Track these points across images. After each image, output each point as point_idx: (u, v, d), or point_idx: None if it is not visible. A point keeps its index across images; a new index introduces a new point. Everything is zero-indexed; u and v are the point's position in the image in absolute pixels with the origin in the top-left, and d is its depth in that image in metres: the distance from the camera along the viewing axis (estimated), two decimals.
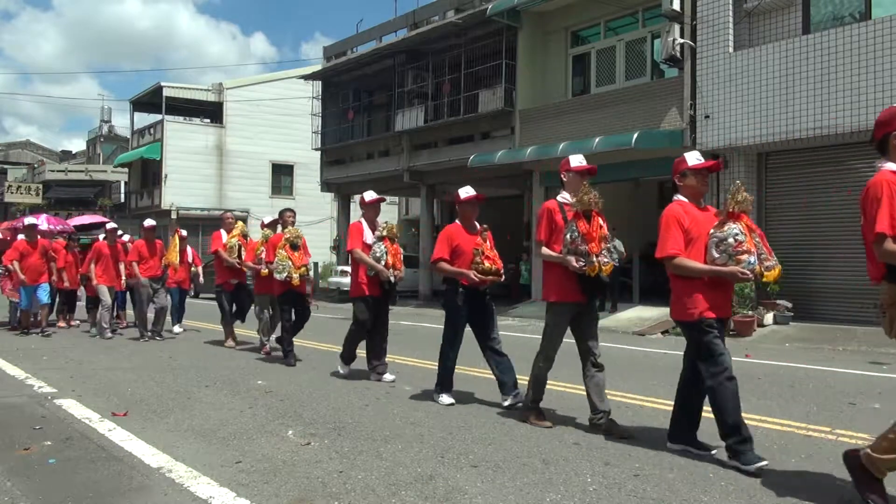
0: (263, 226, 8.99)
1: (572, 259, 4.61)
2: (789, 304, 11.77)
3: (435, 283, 18.72)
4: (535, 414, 4.96)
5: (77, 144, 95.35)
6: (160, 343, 9.87)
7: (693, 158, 4.27)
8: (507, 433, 4.73)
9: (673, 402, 4.41)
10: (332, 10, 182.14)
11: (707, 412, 4.15)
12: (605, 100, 14.94)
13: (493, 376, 5.73)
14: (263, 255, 8.45)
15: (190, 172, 31.47)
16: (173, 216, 29.76)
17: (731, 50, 12.44)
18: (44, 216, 14.12)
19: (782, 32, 12.23)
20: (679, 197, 4.27)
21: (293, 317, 8.04)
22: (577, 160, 5.04)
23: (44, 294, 10.61)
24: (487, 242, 5.65)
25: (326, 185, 23.91)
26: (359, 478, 3.74)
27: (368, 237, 6.61)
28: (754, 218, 14.16)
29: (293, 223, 8.18)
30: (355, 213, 24.05)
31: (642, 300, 14.15)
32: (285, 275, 7.50)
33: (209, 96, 32.96)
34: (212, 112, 33.40)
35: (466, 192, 5.77)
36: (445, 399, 5.63)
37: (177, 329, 11.32)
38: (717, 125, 12.52)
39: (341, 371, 6.99)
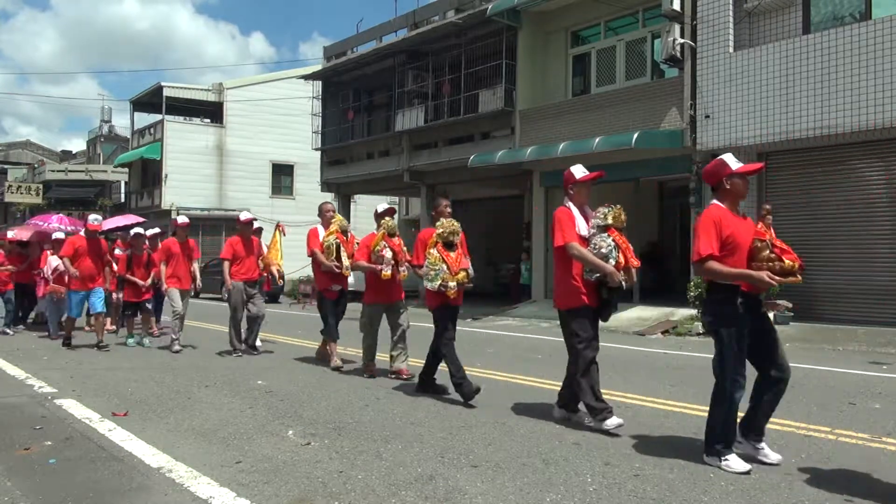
0: (378, 215, 7.04)
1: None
2: (789, 304, 11.70)
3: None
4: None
5: (77, 144, 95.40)
6: (160, 343, 9.83)
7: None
8: (507, 433, 4.73)
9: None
10: (330, 11, 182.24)
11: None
12: (605, 100, 14.94)
13: (493, 375, 5.69)
14: (386, 253, 6.69)
15: (190, 172, 31.47)
16: (173, 216, 29.76)
17: (731, 50, 12.44)
18: (55, 216, 13.53)
19: (782, 32, 12.22)
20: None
21: (451, 336, 5.95)
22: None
23: (98, 301, 9.22)
24: (772, 230, 4.87)
25: (326, 185, 23.90)
26: (359, 478, 3.74)
27: (582, 227, 4.89)
28: (754, 218, 14.17)
29: (448, 214, 6.19)
30: (355, 213, 24.12)
31: (642, 300, 14.15)
32: (438, 283, 5.72)
33: (209, 96, 32.96)
34: (212, 112, 33.40)
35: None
36: (737, 464, 3.89)
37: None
38: (718, 125, 12.51)
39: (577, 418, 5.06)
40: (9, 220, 40.49)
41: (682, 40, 12.93)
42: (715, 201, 4.12)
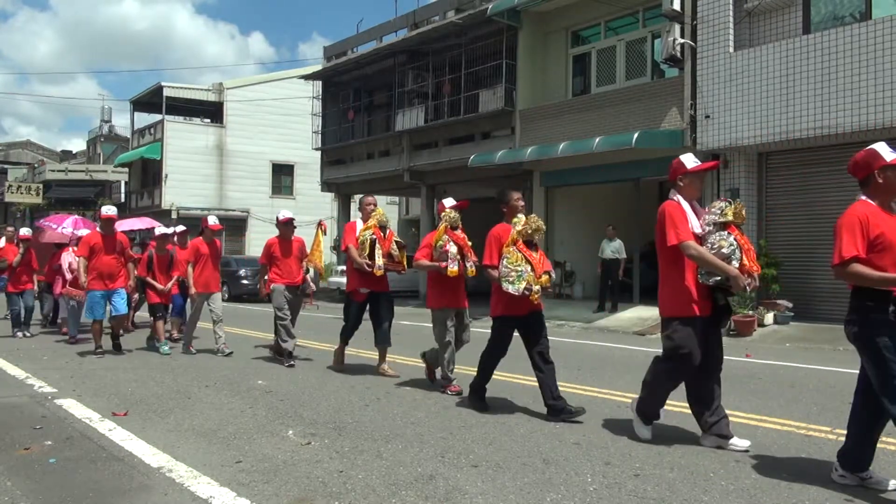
0: (443, 209, 6.43)
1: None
2: (789, 304, 11.77)
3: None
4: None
5: (76, 144, 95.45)
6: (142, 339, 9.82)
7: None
8: (507, 433, 4.73)
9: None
10: (329, 11, 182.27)
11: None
12: (606, 100, 14.94)
13: (493, 375, 5.65)
14: (451, 248, 6.10)
15: (190, 172, 31.47)
16: (173, 216, 29.76)
17: (731, 50, 12.44)
18: (70, 217, 12.79)
19: (782, 32, 12.22)
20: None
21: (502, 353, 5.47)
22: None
23: (121, 302, 8.59)
24: None
25: (326, 185, 23.91)
26: (359, 477, 3.74)
27: (695, 224, 4.34)
28: (755, 217, 14.11)
29: (522, 208, 5.60)
30: (355, 213, 24.11)
31: (642, 300, 14.15)
32: (523, 286, 5.06)
33: (209, 96, 32.98)
34: (212, 112, 33.41)
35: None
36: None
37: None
38: (718, 125, 12.52)
39: (645, 434, 4.56)
40: (9, 219, 40.48)
41: (682, 40, 12.93)
42: (863, 197, 3.59)
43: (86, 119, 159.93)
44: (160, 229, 9.87)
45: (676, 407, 5.60)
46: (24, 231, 11.40)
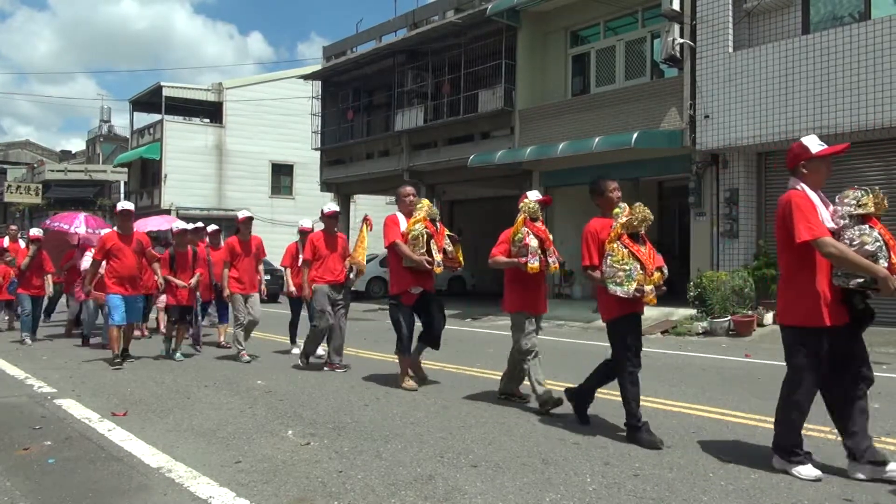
0: (524, 199, 5.84)
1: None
2: None
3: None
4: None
5: (76, 144, 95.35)
6: (160, 343, 9.80)
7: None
8: (507, 433, 4.73)
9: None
10: (328, 11, 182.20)
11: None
12: (605, 100, 14.94)
13: (493, 375, 5.66)
14: (531, 242, 5.42)
15: (190, 172, 31.46)
16: (173, 216, 29.77)
17: (730, 50, 12.44)
18: (82, 215, 12.24)
19: (782, 32, 12.23)
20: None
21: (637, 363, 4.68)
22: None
23: (136, 308, 8.05)
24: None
25: (326, 185, 23.90)
26: (358, 478, 3.74)
27: (826, 217, 3.87)
28: (754, 217, 14.03)
29: (619, 199, 4.91)
30: (355, 212, 24.09)
31: None
32: (633, 287, 4.46)
33: (209, 96, 32.96)
34: (211, 112, 33.40)
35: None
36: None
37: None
38: (717, 125, 12.52)
39: (807, 473, 3.83)
40: (8, 219, 40.45)
41: (682, 40, 12.94)
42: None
43: (85, 119, 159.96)
44: (178, 224, 9.28)
45: (677, 407, 5.60)
46: (35, 231, 10.62)
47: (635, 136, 12.70)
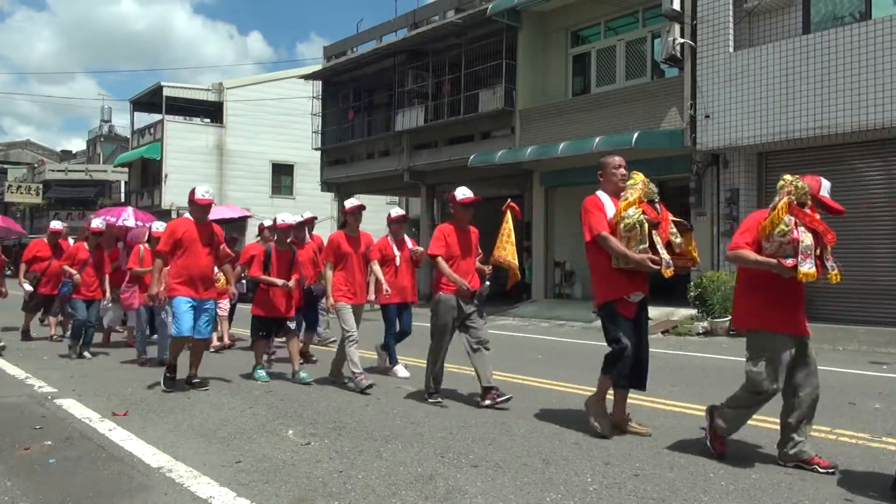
0: (786, 178, 4.05)
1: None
2: None
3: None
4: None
5: (76, 144, 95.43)
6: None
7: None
8: (507, 433, 4.73)
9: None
10: (328, 11, 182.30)
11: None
12: (605, 100, 14.94)
13: (492, 375, 5.64)
14: (804, 238, 3.85)
15: (190, 172, 31.44)
16: (173, 216, 29.78)
17: (731, 50, 12.44)
18: (130, 208, 11.17)
19: (782, 32, 12.23)
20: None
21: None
22: None
23: (206, 321, 6.43)
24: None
25: (326, 185, 23.89)
26: (359, 477, 3.74)
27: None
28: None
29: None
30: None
31: None
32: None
33: (209, 96, 32.98)
34: (212, 112, 33.42)
35: None
36: None
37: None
38: (717, 125, 12.52)
39: None
40: (8, 218, 40.48)
41: (682, 40, 12.93)
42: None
43: (85, 119, 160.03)
44: (283, 216, 7.41)
45: (677, 407, 5.61)
46: (97, 223, 8.88)
47: (636, 136, 12.70)
